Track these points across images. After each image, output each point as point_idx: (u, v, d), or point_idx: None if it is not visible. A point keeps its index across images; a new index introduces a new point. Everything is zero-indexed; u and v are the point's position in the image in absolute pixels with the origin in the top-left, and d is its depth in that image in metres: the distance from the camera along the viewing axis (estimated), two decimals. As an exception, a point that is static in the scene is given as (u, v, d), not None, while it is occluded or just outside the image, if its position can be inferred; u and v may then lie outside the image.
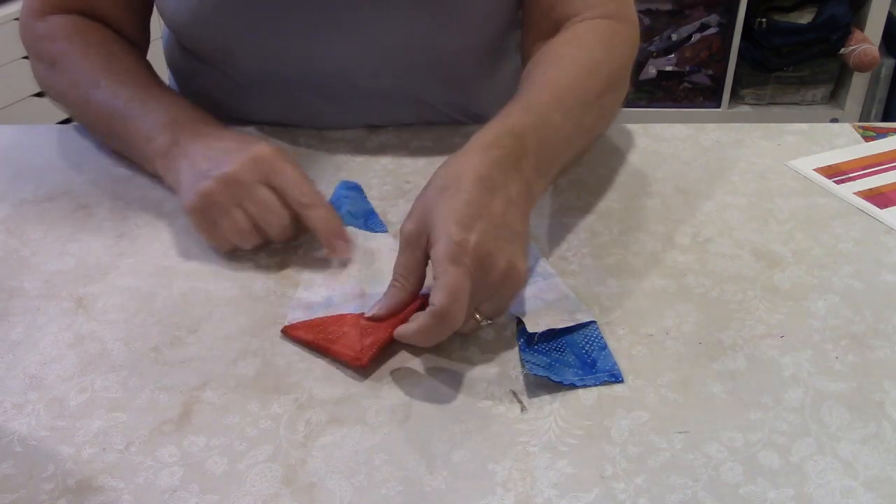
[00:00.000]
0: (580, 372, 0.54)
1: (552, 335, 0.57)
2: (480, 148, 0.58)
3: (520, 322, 0.58)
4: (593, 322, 0.58)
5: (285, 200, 0.63)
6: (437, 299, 0.51)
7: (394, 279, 0.57)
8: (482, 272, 0.53)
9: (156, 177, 0.72)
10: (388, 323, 0.56)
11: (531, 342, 0.56)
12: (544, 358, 0.55)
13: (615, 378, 0.54)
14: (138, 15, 0.81)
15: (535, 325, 0.57)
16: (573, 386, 0.53)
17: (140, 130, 0.71)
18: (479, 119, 0.83)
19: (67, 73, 0.76)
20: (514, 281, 0.55)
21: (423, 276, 0.57)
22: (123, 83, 0.73)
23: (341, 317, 0.58)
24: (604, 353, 0.56)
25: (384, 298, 0.57)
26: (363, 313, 0.58)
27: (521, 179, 0.58)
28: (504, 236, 0.54)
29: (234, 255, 0.65)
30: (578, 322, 0.58)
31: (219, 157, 0.64)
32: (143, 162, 0.73)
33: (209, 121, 0.71)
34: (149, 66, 0.78)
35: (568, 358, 0.55)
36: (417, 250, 0.56)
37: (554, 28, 0.74)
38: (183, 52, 0.84)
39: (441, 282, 0.52)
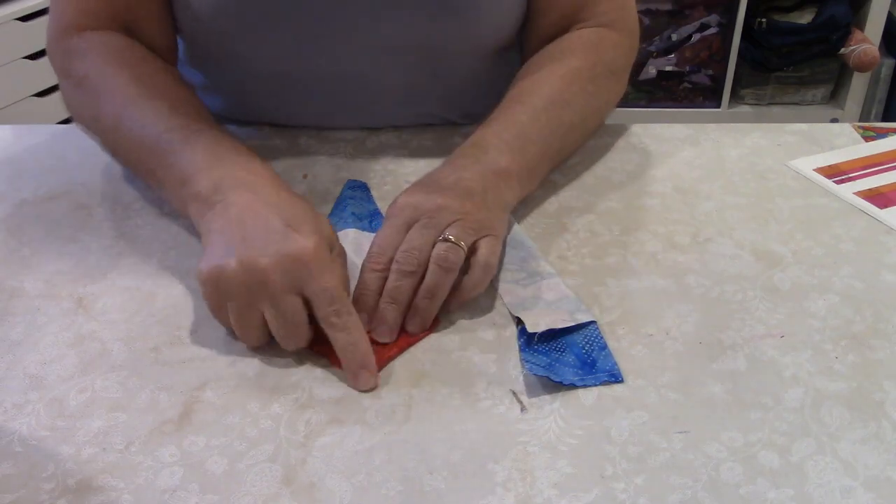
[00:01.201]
0: (580, 372, 0.54)
1: (552, 335, 0.57)
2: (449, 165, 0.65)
3: (520, 322, 0.58)
4: (593, 322, 0.58)
5: (312, 310, 0.54)
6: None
7: (387, 300, 0.58)
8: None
9: (186, 219, 0.64)
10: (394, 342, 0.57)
11: (531, 342, 0.56)
12: (544, 358, 0.55)
13: (615, 378, 0.54)
14: (171, 24, 0.76)
15: (535, 325, 0.57)
16: (573, 386, 0.53)
17: (174, 168, 0.63)
18: (480, 119, 0.83)
19: (97, 94, 0.69)
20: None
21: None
22: (161, 111, 0.66)
23: None
24: (604, 353, 0.56)
25: (383, 321, 0.57)
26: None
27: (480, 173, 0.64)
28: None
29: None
30: (578, 322, 0.58)
31: (256, 233, 0.55)
32: (175, 202, 0.65)
33: (254, 164, 0.63)
34: (189, 90, 0.72)
35: (568, 358, 0.55)
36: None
37: (557, 33, 0.77)
38: (184, 54, 0.84)
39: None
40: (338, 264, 0.57)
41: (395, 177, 0.75)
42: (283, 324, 0.54)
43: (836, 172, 0.75)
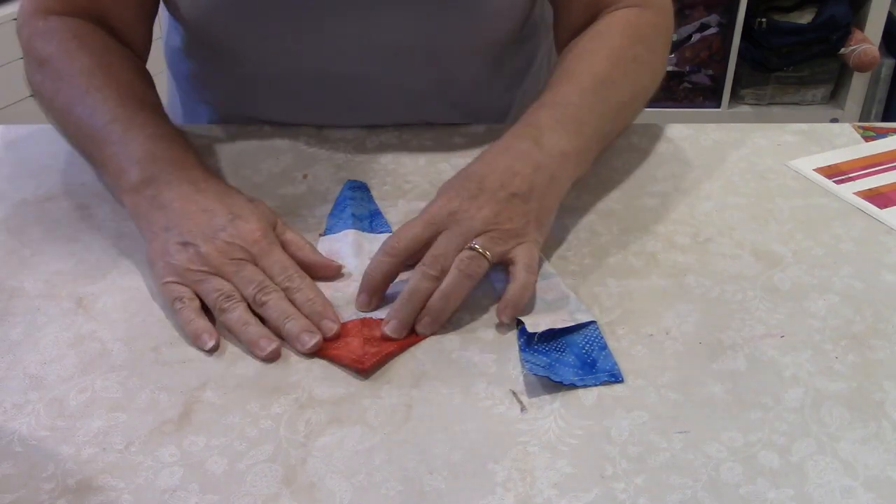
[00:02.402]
0: (580, 372, 0.54)
1: (552, 335, 0.57)
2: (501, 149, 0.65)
3: (520, 322, 0.58)
4: (593, 322, 0.58)
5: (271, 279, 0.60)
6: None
7: (405, 298, 0.58)
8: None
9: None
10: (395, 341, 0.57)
11: (531, 342, 0.56)
12: (544, 358, 0.55)
13: (615, 378, 0.54)
14: (147, 16, 0.77)
15: (535, 325, 0.57)
16: (573, 386, 0.53)
17: (114, 158, 0.66)
18: (480, 119, 0.83)
19: (55, 77, 0.71)
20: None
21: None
22: (109, 101, 0.68)
23: (343, 326, 0.58)
24: (604, 353, 0.56)
25: (397, 317, 0.58)
26: (365, 318, 0.58)
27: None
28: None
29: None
30: (578, 322, 0.58)
31: (201, 221, 0.61)
32: (114, 191, 0.69)
33: (190, 160, 0.67)
34: (147, 82, 0.74)
35: (568, 358, 0.55)
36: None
37: (587, 21, 0.76)
38: (184, 53, 0.84)
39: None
40: (279, 245, 0.62)
41: (395, 177, 0.75)
42: (248, 283, 0.59)
43: (836, 172, 0.75)
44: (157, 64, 0.81)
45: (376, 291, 0.60)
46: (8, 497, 0.47)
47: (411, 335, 0.57)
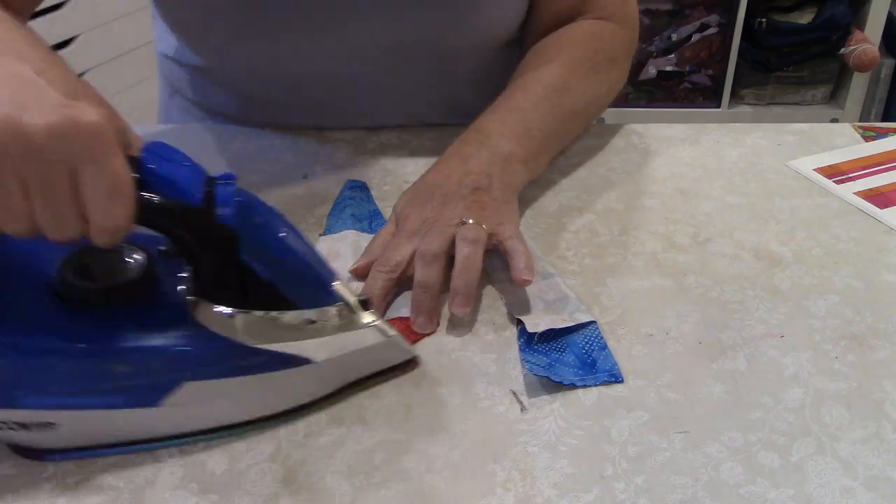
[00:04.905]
0: (580, 372, 0.54)
1: (552, 335, 0.57)
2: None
3: (520, 322, 0.58)
4: (593, 322, 0.58)
5: (77, 201, 0.42)
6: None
7: (419, 291, 0.58)
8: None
9: None
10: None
11: (531, 342, 0.56)
12: (544, 358, 0.55)
13: (615, 378, 0.54)
14: None
15: (535, 325, 0.57)
16: (573, 386, 0.53)
17: None
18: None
19: None
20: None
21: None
22: None
23: None
24: (604, 353, 0.56)
25: (421, 311, 0.58)
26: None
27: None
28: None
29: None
30: (578, 322, 0.58)
31: (29, 92, 0.42)
32: None
33: (16, 31, 0.52)
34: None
35: (568, 358, 0.55)
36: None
37: (551, 23, 0.78)
38: (178, 59, 0.83)
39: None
40: (121, 142, 0.43)
41: (395, 177, 0.75)
42: (50, 210, 0.42)
43: (836, 172, 0.75)
44: (148, 69, 0.81)
45: (378, 308, 0.58)
46: (8, 497, 0.47)
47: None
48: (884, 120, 2.22)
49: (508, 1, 0.76)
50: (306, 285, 0.49)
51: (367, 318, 0.51)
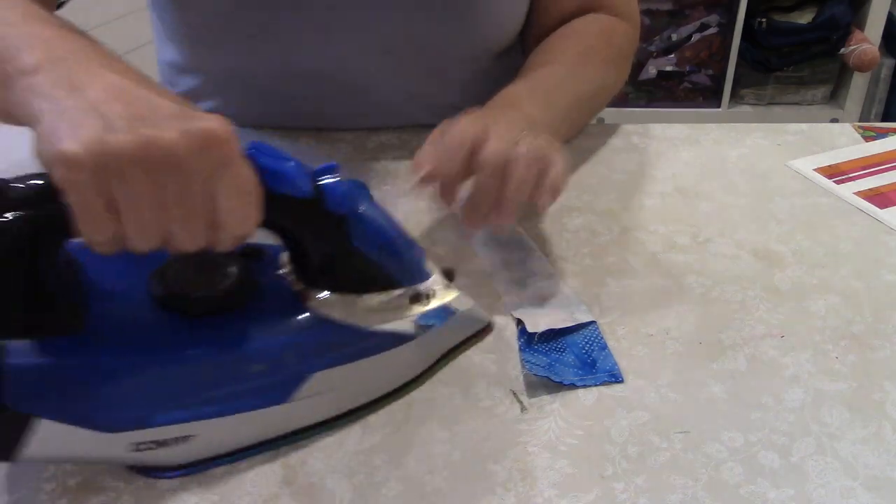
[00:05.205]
0: (580, 372, 0.54)
1: (552, 335, 0.57)
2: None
3: (520, 322, 0.58)
4: (593, 322, 0.58)
5: (211, 208, 0.42)
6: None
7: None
8: None
9: (8, 119, 0.48)
10: None
11: (531, 342, 0.56)
12: (544, 358, 0.55)
13: (615, 378, 0.54)
14: None
15: (534, 325, 0.57)
16: (573, 386, 0.53)
17: (3, 45, 0.47)
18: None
19: None
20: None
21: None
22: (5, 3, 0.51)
23: None
24: (604, 353, 0.56)
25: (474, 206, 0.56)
26: None
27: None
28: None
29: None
30: (578, 322, 0.58)
31: (142, 104, 0.41)
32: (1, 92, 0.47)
33: (105, 50, 0.49)
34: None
35: (568, 358, 0.55)
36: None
37: (556, 24, 0.79)
38: (181, 67, 0.83)
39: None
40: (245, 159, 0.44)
41: (395, 177, 0.75)
42: (185, 218, 0.41)
43: (836, 172, 0.75)
44: (148, 70, 0.81)
45: (451, 187, 0.56)
46: (8, 497, 0.47)
47: None
48: (884, 120, 2.22)
49: (509, 6, 0.76)
50: (405, 262, 0.51)
51: (453, 288, 0.54)
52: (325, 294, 0.49)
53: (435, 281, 0.53)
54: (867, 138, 0.81)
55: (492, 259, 0.63)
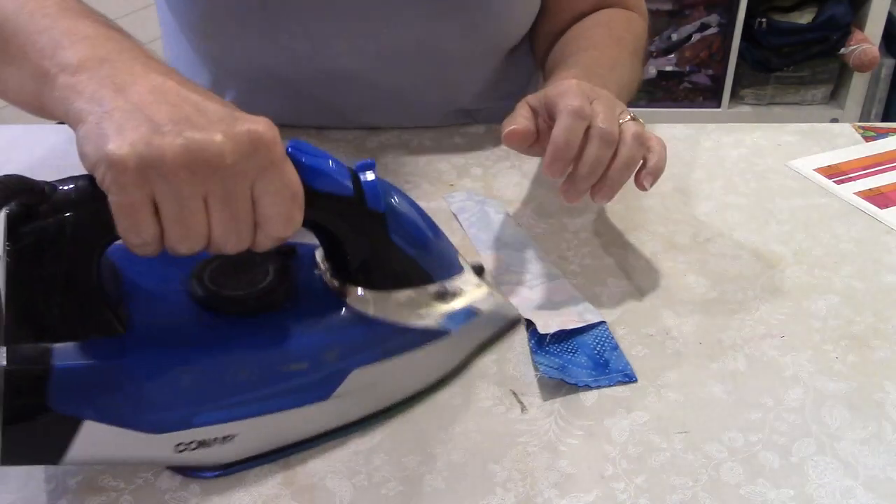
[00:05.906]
0: (594, 373, 0.54)
1: (563, 336, 0.57)
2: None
3: (530, 324, 0.58)
4: (603, 322, 0.58)
5: (255, 210, 0.42)
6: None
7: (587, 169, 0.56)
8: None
9: (40, 113, 0.48)
10: None
11: (542, 344, 0.56)
12: (557, 360, 0.55)
13: (629, 378, 0.54)
14: None
15: (545, 327, 0.56)
16: (588, 387, 0.53)
17: (44, 34, 0.47)
18: (481, 119, 0.83)
19: None
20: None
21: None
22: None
23: None
24: (616, 353, 0.56)
25: (576, 186, 0.56)
26: None
27: None
28: None
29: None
30: (588, 322, 0.57)
31: (188, 106, 0.42)
32: (28, 82, 0.47)
33: (158, 59, 0.47)
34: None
35: (580, 359, 0.55)
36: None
37: (570, 22, 0.79)
38: (182, 70, 0.83)
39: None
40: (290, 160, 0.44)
41: (396, 177, 0.75)
42: (230, 227, 0.42)
43: (836, 172, 0.75)
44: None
45: (569, 160, 0.56)
46: (8, 497, 0.47)
47: None
48: (884, 120, 2.21)
49: (519, 6, 0.76)
50: (439, 257, 0.52)
51: (485, 283, 0.55)
52: (361, 291, 0.49)
53: (466, 277, 0.53)
54: (867, 138, 0.81)
55: (495, 260, 0.63)
